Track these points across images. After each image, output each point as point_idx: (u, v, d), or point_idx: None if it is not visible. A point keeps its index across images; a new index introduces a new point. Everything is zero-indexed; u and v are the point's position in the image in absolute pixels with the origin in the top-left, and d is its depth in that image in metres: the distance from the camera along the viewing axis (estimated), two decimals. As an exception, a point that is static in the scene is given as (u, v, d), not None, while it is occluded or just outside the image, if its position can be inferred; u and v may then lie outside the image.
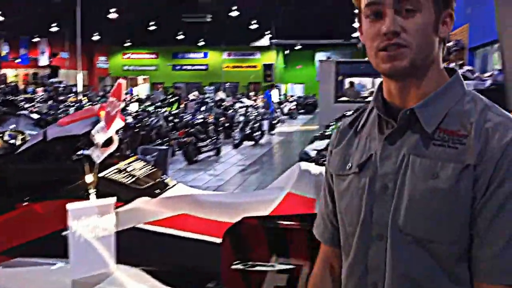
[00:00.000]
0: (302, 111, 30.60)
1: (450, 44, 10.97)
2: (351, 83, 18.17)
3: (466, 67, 9.82)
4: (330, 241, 1.34)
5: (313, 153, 6.51)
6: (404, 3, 1.11)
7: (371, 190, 1.17)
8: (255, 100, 24.24)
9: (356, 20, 1.28)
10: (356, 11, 1.23)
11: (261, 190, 8.78)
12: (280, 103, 26.66)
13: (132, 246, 2.40)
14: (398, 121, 1.16)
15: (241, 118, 15.78)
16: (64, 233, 2.26)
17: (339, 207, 1.26)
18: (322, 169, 2.52)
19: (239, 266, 1.93)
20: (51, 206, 2.36)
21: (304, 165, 2.57)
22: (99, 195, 2.30)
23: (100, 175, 2.38)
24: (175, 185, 2.70)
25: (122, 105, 2.48)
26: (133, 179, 2.53)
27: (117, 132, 2.40)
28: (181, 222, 2.44)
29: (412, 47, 1.11)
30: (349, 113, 8.13)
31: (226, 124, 16.79)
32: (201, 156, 12.56)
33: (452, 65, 10.56)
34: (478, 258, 1.06)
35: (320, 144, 6.86)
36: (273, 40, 28.83)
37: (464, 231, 1.07)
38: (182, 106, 17.63)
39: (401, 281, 1.11)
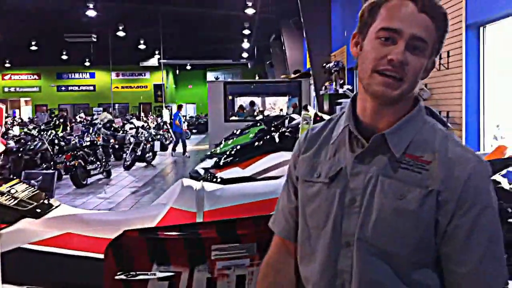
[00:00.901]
0: (194, 130, 30.74)
1: (331, 64, 11.74)
2: (252, 102, 18.71)
3: (346, 86, 10.60)
4: (288, 235, 1.45)
5: (202, 171, 6.70)
6: (417, 42, 1.21)
7: (341, 201, 1.28)
8: (145, 121, 23.98)
9: (352, 33, 1.33)
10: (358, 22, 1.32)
11: (144, 207, 8.79)
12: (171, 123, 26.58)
13: (18, 266, 2.43)
14: (370, 144, 1.26)
15: (132, 140, 15.61)
16: None
17: (305, 210, 1.36)
18: (202, 184, 2.71)
19: (122, 277, 2.03)
20: None
21: (186, 181, 2.74)
22: (-20, 219, 2.33)
23: (-18, 198, 2.41)
24: (59, 205, 2.76)
25: (3, 129, 2.52)
26: (16, 201, 2.56)
27: (-2, 156, 2.44)
28: (65, 240, 2.50)
29: (408, 81, 1.21)
30: (237, 131, 8.44)
31: (116, 146, 16.48)
32: (91, 180, 12.26)
33: (333, 84, 11.31)
34: (454, 273, 1.20)
35: (209, 163, 7.07)
36: (162, 60, 28.71)
37: (421, 245, 1.20)
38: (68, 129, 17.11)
39: (366, 283, 1.24)
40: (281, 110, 19.04)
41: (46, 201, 2.71)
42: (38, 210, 2.59)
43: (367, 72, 1.24)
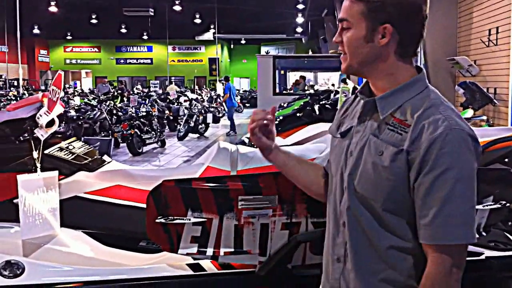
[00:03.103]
0: (247, 104, 31.14)
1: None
2: (303, 77, 18.77)
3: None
4: (326, 170, 1.75)
5: (246, 141, 7.00)
6: (342, 23, 1.50)
7: (346, 153, 1.53)
8: (199, 94, 24.50)
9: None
10: None
11: (184, 165, 9.12)
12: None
13: (74, 212, 2.81)
14: (363, 106, 1.52)
15: (186, 111, 16.10)
16: (15, 200, 2.65)
17: (331, 159, 1.65)
18: (237, 146, 2.99)
19: (162, 220, 2.35)
20: (4, 178, 2.73)
21: (222, 143, 3.02)
22: (44, 169, 2.71)
23: (45, 152, 2.78)
24: (110, 161, 3.12)
25: (62, 93, 2.88)
26: (73, 156, 2.93)
27: (58, 117, 2.80)
28: (115, 191, 2.86)
29: (349, 54, 1.49)
30: (285, 104, 8.65)
31: (171, 117, 17.01)
32: (146, 148, 12.82)
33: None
34: (419, 224, 1.38)
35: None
36: (216, 35, 29.04)
37: (392, 196, 1.40)
38: (126, 100, 17.72)
39: (353, 223, 1.48)
40: (333, 85, 19.06)
41: (99, 157, 3.08)
42: (92, 165, 2.96)
43: None
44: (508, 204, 2.45)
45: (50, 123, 2.69)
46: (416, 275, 1.43)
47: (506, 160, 3.45)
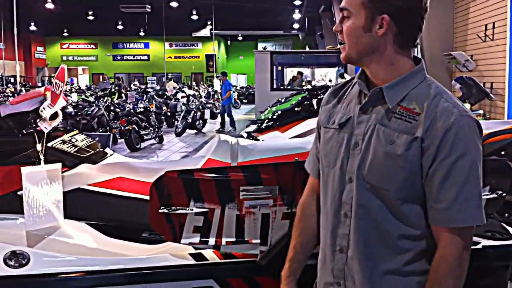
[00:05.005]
0: (245, 101, 31.15)
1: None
2: (300, 73, 18.77)
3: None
4: (315, 173, 1.72)
5: (245, 135, 7.03)
6: (342, 12, 1.51)
7: (348, 145, 1.52)
8: (197, 90, 24.50)
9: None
10: None
11: (186, 158, 9.12)
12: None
13: (77, 204, 2.85)
14: (370, 96, 1.50)
15: (183, 107, 16.11)
16: (19, 192, 2.69)
17: (322, 151, 1.63)
18: (237, 139, 3.03)
19: (164, 210, 2.38)
20: (8, 170, 2.77)
21: (223, 136, 3.06)
22: (47, 162, 2.74)
23: (48, 145, 2.82)
24: (112, 154, 3.16)
25: (65, 86, 2.91)
26: (76, 148, 2.97)
27: (61, 110, 2.84)
28: (117, 183, 2.90)
29: (348, 43, 1.50)
30: (283, 99, 8.69)
31: (169, 113, 17.02)
32: (144, 144, 12.84)
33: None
34: (433, 209, 1.42)
35: (253, 127, 7.38)
36: (213, 31, 29.02)
37: (406, 184, 1.42)
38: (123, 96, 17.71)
39: (361, 213, 1.48)
40: (330, 80, 19.10)
41: (101, 150, 3.12)
42: (95, 157, 3.00)
43: None
44: (504, 194, 2.49)
45: (54, 116, 2.73)
46: (422, 262, 1.48)
47: (503, 152, 3.50)
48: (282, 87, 17.44)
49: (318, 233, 1.71)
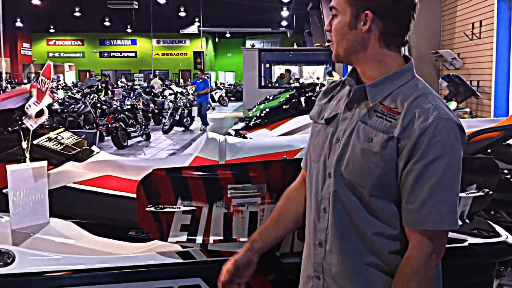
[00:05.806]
0: (232, 98, 31.14)
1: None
2: (288, 71, 18.81)
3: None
4: (306, 167, 1.72)
5: (233, 133, 7.04)
6: (331, 11, 1.53)
7: (331, 140, 1.54)
8: (184, 88, 24.43)
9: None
10: None
11: (173, 155, 9.12)
12: (211, 90, 26.96)
13: (63, 202, 2.81)
14: (353, 93, 1.53)
15: (171, 105, 16.06)
16: (4, 190, 2.66)
17: (311, 145, 1.66)
18: (225, 137, 3.01)
19: (152, 209, 2.36)
20: None
21: (210, 134, 3.04)
22: (33, 159, 2.71)
23: (34, 142, 2.78)
24: (99, 152, 3.13)
25: (51, 83, 2.88)
26: (62, 146, 2.94)
27: (47, 107, 2.81)
28: (104, 181, 2.87)
29: (336, 42, 1.53)
30: (271, 97, 8.71)
31: (156, 111, 16.95)
32: (131, 142, 12.79)
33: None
34: (405, 210, 1.42)
35: (241, 125, 7.40)
36: (201, 28, 28.93)
37: (381, 182, 1.42)
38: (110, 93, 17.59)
39: (338, 208, 1.50)
40: (318, 78, 19.14)
41: (87, 148, 3.09)
42: (81, 155, 2.96)
43: None
44: (491, 192, 2.51)
45: (39, 113, 2.69)
46: (398, 259, 1.46)
47: (489, 150, 3.53)
48: (270, 85, 17.47)
49: (294, 218, 1.77)
